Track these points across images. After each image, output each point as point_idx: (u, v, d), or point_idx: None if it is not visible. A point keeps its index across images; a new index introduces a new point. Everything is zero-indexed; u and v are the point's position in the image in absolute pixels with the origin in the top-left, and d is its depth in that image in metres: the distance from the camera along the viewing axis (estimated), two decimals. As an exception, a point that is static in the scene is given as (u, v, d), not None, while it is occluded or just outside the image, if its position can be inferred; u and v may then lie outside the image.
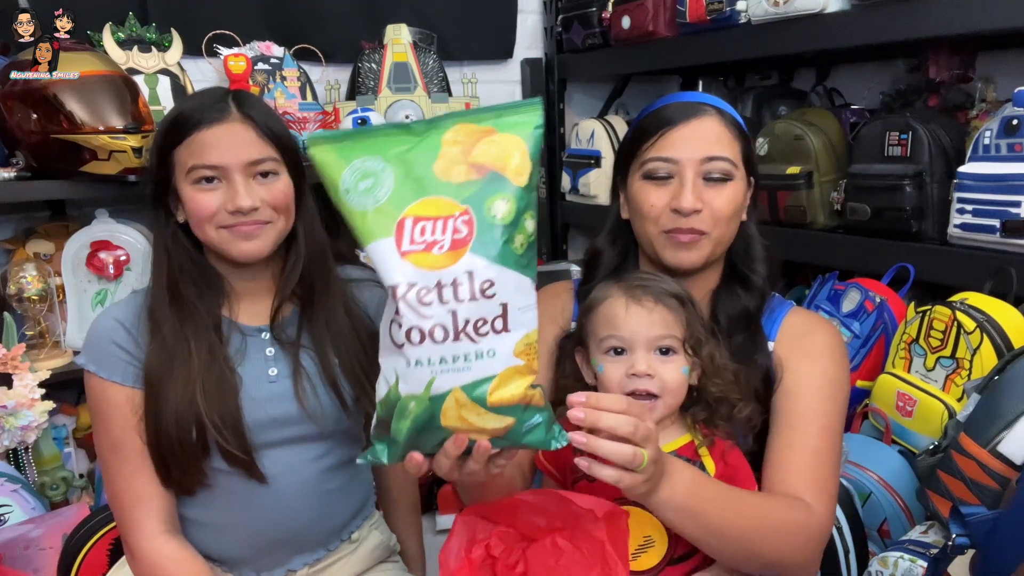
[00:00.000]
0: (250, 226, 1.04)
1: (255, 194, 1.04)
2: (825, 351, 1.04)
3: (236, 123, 1.04)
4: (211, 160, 1.02)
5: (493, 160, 0.75)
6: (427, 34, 2.47)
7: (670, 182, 1.01)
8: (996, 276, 1.47)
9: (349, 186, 0.75)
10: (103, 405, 1.07)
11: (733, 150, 1.01)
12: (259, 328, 1.13)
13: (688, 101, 1.04)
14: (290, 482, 1.11)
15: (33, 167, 1.73)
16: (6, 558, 1.43)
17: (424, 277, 0.72)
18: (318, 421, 1.12)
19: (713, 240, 1.02)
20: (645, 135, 1.04)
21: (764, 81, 2.53)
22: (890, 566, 1.25)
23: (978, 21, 1.47)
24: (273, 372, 1.12)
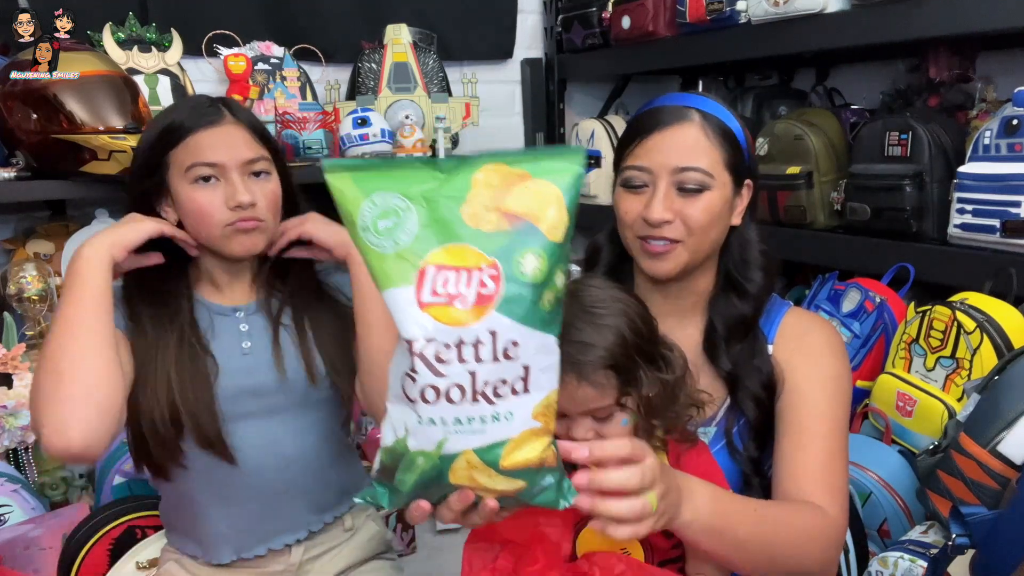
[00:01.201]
0: (250, 222, 1.09)
1: (252, 190, 1.09)
2: (825, 349, 1.03)
3: (230, 125, 1.10)
4: (210, 158, 1.07)
5: (527, 209, 0.69)
6: (427, 34, 2.47)
7: (644, 190, 1.01)
8: (996, 276, 1.47)
9: (368, 223, 0.69)
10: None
11: (711, 158, 0.99)
12: (234, 308, 1.18)
13: (671, 106, 1.02)
14: (267, 455, 1.14)
15: (33, 167, 1.73)
16: (6, 558, 1.43)
17: (444, 333, 0.67)
18: (294, 389, 1.16)
19: (689, 249, 1.00)
20: (627, 140, 1.04)
21: (764, 81, 2.53)
22: (890, 566, 1.25)
23: (978, 21, 1.47)
24: (247, 345, 1.16)
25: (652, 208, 0.98)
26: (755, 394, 1.00)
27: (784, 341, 1.04)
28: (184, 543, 1.20)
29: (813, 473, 0.96)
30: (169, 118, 1.11)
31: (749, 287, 1.03)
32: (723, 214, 1.01)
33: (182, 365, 1.10)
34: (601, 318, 0.88)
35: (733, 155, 1.00)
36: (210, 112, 1.10)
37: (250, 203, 1.08)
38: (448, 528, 1.97)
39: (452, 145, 2.42)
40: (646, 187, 1.00)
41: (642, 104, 1.09)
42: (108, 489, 1.62)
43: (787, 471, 0.97)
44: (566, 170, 0.71)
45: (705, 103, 1.01)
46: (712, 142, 0.99)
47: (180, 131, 1.08)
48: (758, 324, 1.05)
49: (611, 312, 0.89)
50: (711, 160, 0.98)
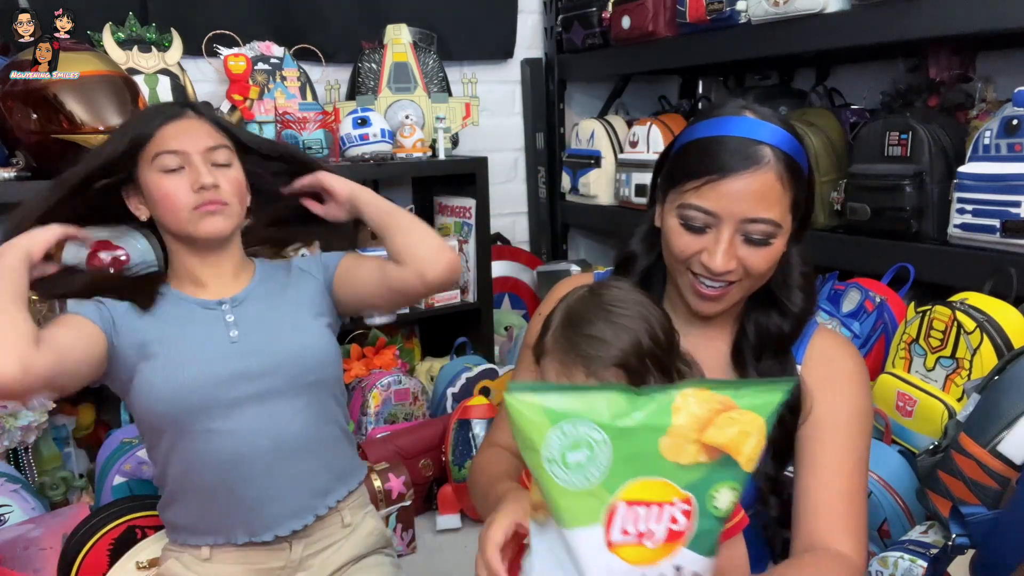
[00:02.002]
0: (214, 204, 1.16)
1: (215, 175, 1.16)
2: (853, 380, 1.00)
3: (192, 119, 1.19)
4: (173, 146, 1.15)
5: (728, 441, 0.66)
6: (427, 34, 2.47)
7: (706, 232, 0.94)
8: (996, 276, 1.47)
9: (554, 454, 0.65)
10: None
11: (782, 206, 0.93)
12: (219, 301, 1.22)
13: (742, 139, 0.92)
14: (264, 438, 1.17)
15: (33, 167, 1.73)
16: (6, 558, 1.43)
17: (628, 572, 0.65)
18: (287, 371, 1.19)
19: (744, 289, 0.97)
20: (691, 172, 0.94)
21: (764, 81, 2.53)
22: (890, 566, 1.25)
23: (978, 21, 1.48)
24: (234, 334, 1.19)
25: (715, 259, 0.93)
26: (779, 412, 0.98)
27: (812, 365, 1.01)
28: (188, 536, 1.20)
29: (835, 514, 0.94)
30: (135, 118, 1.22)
31: (791, 306, 1.00)
32: (780, 255, 0.97)
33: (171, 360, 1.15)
34: (620, 318, 0.87)
35: (801, 193, 0.95)
36: (173, 110, 1.20)
37: (213, 184, 1.15)
38: (448, 528, 1.97)
39: (452, 145, 2.42)
40: (709, 229, 0.94)
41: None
42: (108, 489, 1.62)
43: (809, 509, 0.95)
44: (771, 400, 0.67)
45: (776, 135, 0.93)
46: (785, 187, 0.92)
47: (148, 126, 1.17)
48: (791, 347, 1.02)
49: (631, 314, 0.88)
50: (782, 208, 0.93)
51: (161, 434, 1.17)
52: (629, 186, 2.41)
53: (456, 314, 2.39)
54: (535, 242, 2.99)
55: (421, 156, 2.26)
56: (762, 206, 0.91)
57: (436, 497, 2.00)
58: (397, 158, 2.23)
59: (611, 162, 2.56)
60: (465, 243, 2.38)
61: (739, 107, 0.96)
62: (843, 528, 0.94)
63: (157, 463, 1.21)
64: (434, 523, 1.98)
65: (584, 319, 0.89)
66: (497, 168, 2.68)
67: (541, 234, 2.95)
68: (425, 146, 2.27)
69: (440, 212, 2.51)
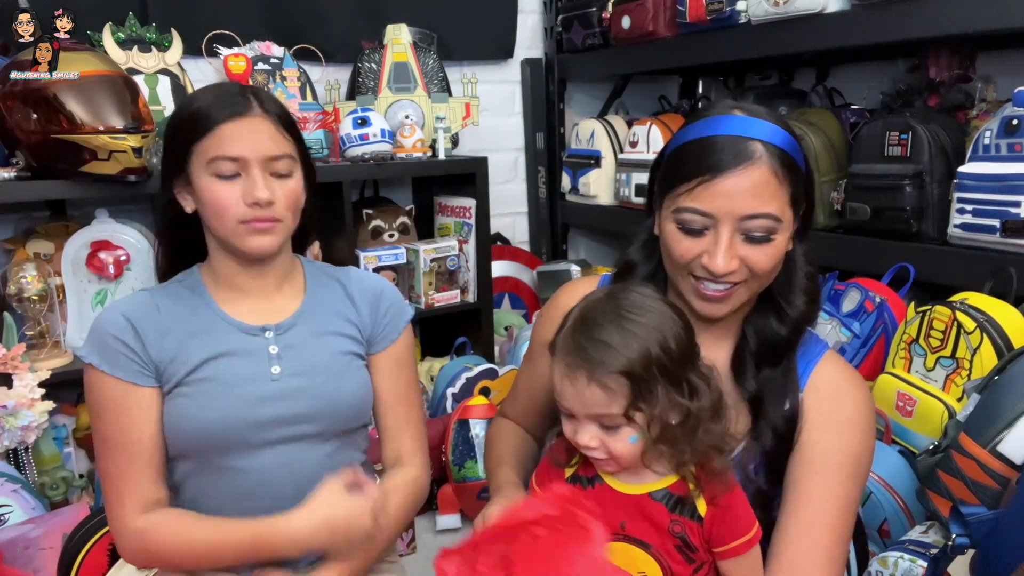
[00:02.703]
0: (265, 222, 1.06)
1: (272, 188, 1.05)
2: (854, 421, 0.97)
3: (257, 118, 1.05)
4: (232, 152, 1.03)
5: None
6: (427, 34, 2.47)
7: (705, 234, 0.92)
8: (996, 276, 1.47)
9: None
10: (100, 398, 1.08)
11: (780, 200, 0.91)
12: (263, 327, 1.12)
13: (733, 137, 0.91)
14: (284, 483, 1.10)
15: (33, 167, 1.73)
16: (6, 558, 1.43)
17: None
18: (322, 420, 1.12)
19: (750, 289, 0.95)
20: (683, 174, 0.93)
21: (764, 81, 2.53)
22: (890, 566, 1.25)
23: (978, 21, 1.48)
24: (276, 371, 1.11)
25: (716, 260, 0.91)
26: (775, 425, 0.96)
27: (815, 395, 0.97)
28: None
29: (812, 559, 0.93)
30: (196, 103, 1.07)
31: (789, 310, 0.98)
32: (784, 251, 0.95)
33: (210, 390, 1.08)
34: (631, 323, 0.86)
35: (799, 187, 0.93)
36: (237, 103, 1.05)
37: (268, 201, 1.04)
38: (448, 528, 1.97)
39: (452, 145, 2.42)
40: (707, 231, 0.92)
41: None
42: (108, 489, 1.62)
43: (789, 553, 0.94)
44: None
45: (766, 130, 0.91)
46: (781, 182, 0.91)
47: (206, 122, 1.04)
48: (793, 358, 0.99)
49: (644, 322, 0.86)
50: (779, 203, 0.91)
51: (178, 460, 1.11)
52: (629, 186, 2.42)
53: (456, 314, 2.39)
54: (535, 242, 2.99)
55: (421, 156, 2.26)
56: (758, 201, 0.90)
57: (436, 497, 2.00)
58: (397, 158, 2.23)
59: (611, 162, 2.56)
60: (465, 243, 2.38)
61: (729, 107, 0.95)
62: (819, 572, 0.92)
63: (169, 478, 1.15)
64: (434, 523, 1.98)
65: (595, 322, 0.88)
66: (497, 168, 2.68)
67: (541, 234, 2.95)
68: (425, 146, 2.27)
69: (440, 212, 2.51)
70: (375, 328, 1.19)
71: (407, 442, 1.22)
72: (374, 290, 1.20)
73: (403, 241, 2.32)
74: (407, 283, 2.29)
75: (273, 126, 1.06)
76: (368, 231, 2.29)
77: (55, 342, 1.86)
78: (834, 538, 0.94)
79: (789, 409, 0.96)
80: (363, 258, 2.18)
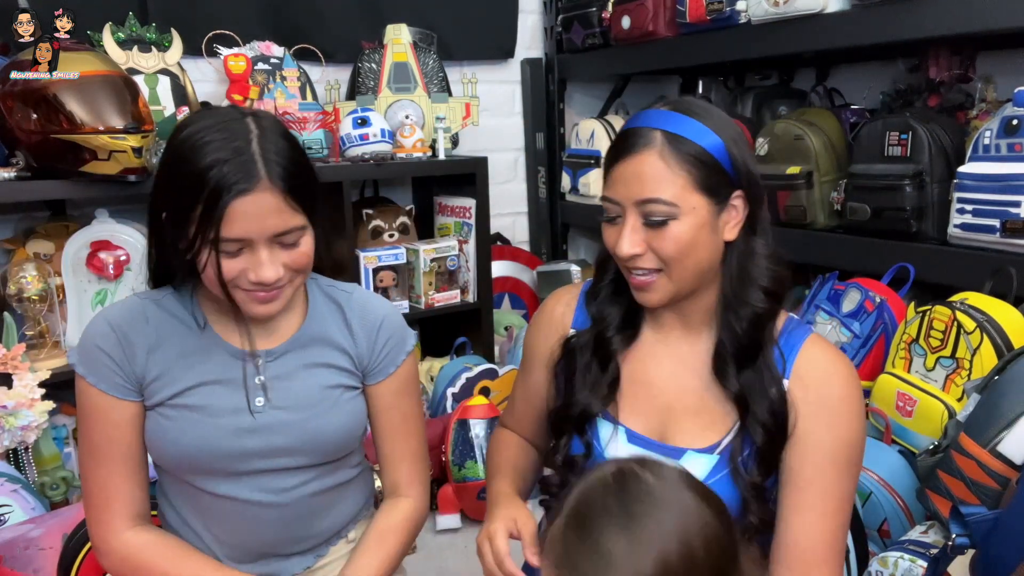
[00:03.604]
0: (270, 293, 1.01)
1: (278, 261, 0.99)
2: (843, 408, 0.96)
3: (265, 193, 0.95)
4: (237, 233, 0.95)
5: None
6: (427, 34, 2.47)
7: (619, 222, 0.96)
8: (996, 276, 1.47)
9: None
10: (85, 406, 1.09)
11: (675, 186, 0.92)
12: (252, 354, 1.07)
13: (636, 128, 0.94)
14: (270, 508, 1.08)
15: (33, 167, 1.73)
16: (6, 558, 1.43)
17: None
18: (305, 454, 1.08)
19: (673, 279, 0.95)
20: (605, 166, 0.98)
21: (764, 81, 2.53)
22: (890, 566, 1.25)
23: (978, 21, 1.48)
24: (259, 403, 1.06)
25: (620, 244, 0.94)
26: (764, 422, 0.95)
27: (801, 383, 0.97)
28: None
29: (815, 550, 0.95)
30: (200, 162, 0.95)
31: (742, 310, 0.97)
32: (700, 239, 0.94)
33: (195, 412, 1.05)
34: (642, 523, 0.68)
35: (706, 175, 0.93)
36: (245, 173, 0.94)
37: (275, 280, 0.98)
38: (448, 528, 1.97)
39: (452, 145, 2.42)
40: (620, 218, 0.95)
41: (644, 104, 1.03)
42: (108, 489, 1.62)
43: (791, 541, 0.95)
44: None
45: (674, 121, 0.93)
46: (674, 169, 0.92)
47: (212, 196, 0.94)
48: (770, 349, 0.98)
49: (658, 520, 0.69)
50: (675, 188, 0.92)
51: (164, 474, 1.11)
52: (629, 186, 2.41)
53: (456, 314, 2.39)
54: (535, 242, 2.99)
55: (421, 156, 2.26)
56: (650, 186, 0.92)
57: (436, 497, 2.00)
58: (397, 158, 2.23)
59: (611, 162, 2.56)
60: (465, 243, 2.38)
61: (658, 103, 0.98)
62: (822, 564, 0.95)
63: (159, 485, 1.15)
64: (434, 523, 1.98)
65: (594, 520, 0.70)
66: (497, 168, 2.68)
67: (541, 234, 2.95)
68: (425, 146, 2.27)
69: (440, 212, 2.51)
70: (372, 360, 1.14)
71: (404, 473, 1.19)
72: (374, 320, 1.14)
73: (403, 241, 2.32)
74: (407, 283, 2.29)
75: (281, 199, 0.96)
76: (368, 231, 2.29)
77: (55, 342, 1.86)
78: (836, 524, 0.95)
79: (775, 401, 0.96)
80: (363, 258, 2.18)
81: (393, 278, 2.24)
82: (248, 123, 0.98)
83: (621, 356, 1.03)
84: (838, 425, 0.95)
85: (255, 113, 1.02)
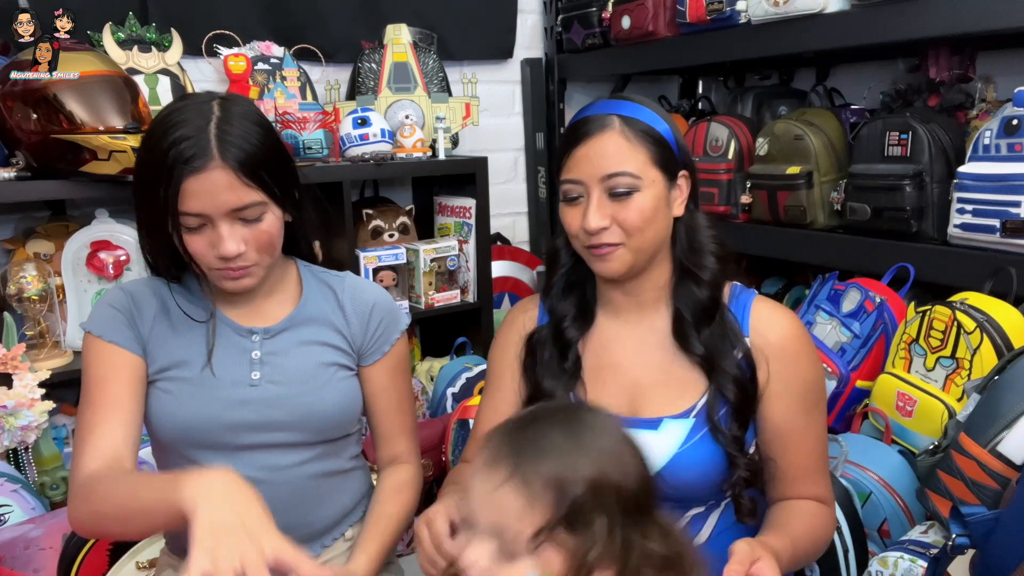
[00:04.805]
0: (237, 271, 1.06)
1: (238, 236, 1.03)
2: (800, 353, 1.07)
3: (216, 170, 1.00)
4: (194, 208, 1.01)
5: None
6: (427, 34, 2.47)
7: (581, 201, 1.03)
8: (996, 276, 1.47)
9: None
10: (88, 358, 1.10)
11: (637, 160, 1.01)
12: (250, 329, 1.13)
13: (593, 115, 1.04)
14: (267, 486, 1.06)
15: (33, 167, 1.73)
16: (6, 558, 1.43)
17: None
18: (299, 429, 1.11)
19: (632, 249, 1.03)
20: (560, 154, 1.07)
21: (764, 81, 2.53)
22: (890, 566, 1.25)
23: (978, 21, 1.48)
24: (255, 376, 1.11)
25: (588, 218, 1.01)
26: (734, 375, 1.04)
27: (759, 335, 1.07)
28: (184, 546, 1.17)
29: (806, 474, 1.08)
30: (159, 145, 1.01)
31: (702, 274, 1.06)
32: (659, 210, 1.03)
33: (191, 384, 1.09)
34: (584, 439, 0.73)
35: (660, 152, 1.03)
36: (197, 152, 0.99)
37: (236, 253, 1.03)
38: (448, 528, 1.97)
39: (452, 145, 2.42)
40: (582, 198, 1.03)
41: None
42: (108, 489, 1.63)
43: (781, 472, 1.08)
44: None
45: (626, 107, 1.04)
46: (634, 145, 1.02)
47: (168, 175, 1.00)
48: (726, 308, 1.08)
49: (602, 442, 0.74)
50: (637, 162, 1.01)
51: (164, 450, 1.13)
52: (629, 186, 2.41)
53: (456, 314, 2.39)
54: (535, 242, 2.99)
55: (421, 156, 2.26)
56: (615, 161, 1.01)
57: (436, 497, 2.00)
58: (397, 158, 2.22)
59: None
60: (465, 243, 2.38)
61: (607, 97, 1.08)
62: (814, 482, 1.08)
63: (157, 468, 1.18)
64: (434, 523, 1.98)
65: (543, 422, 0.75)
66: (497, 168, 2.68)
67: (541, 234, 2.95)
68: (425, 146, 2.27)
69: (440, 212, 2.51)
70: (365, 342, 1.18)
71: (403, 445, 1.24)
72: (365, 303, 1.19)
73: (403, 241, 2.32)
74: (407, 283, 2.29)
75: (235, 176, 1.01)
76: (368, 231, 2.29)
77: (55, 342, 1.86)
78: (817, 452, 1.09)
79: (742, 356, 1.05)
80: (363, 258, 2.18)
81: (393, 278, 2.24)
82: (213, 106, 1.04)
83: (581, 344, 1.11)
84: (799, 371, 1.06)
85: (226, 98, 1.07)
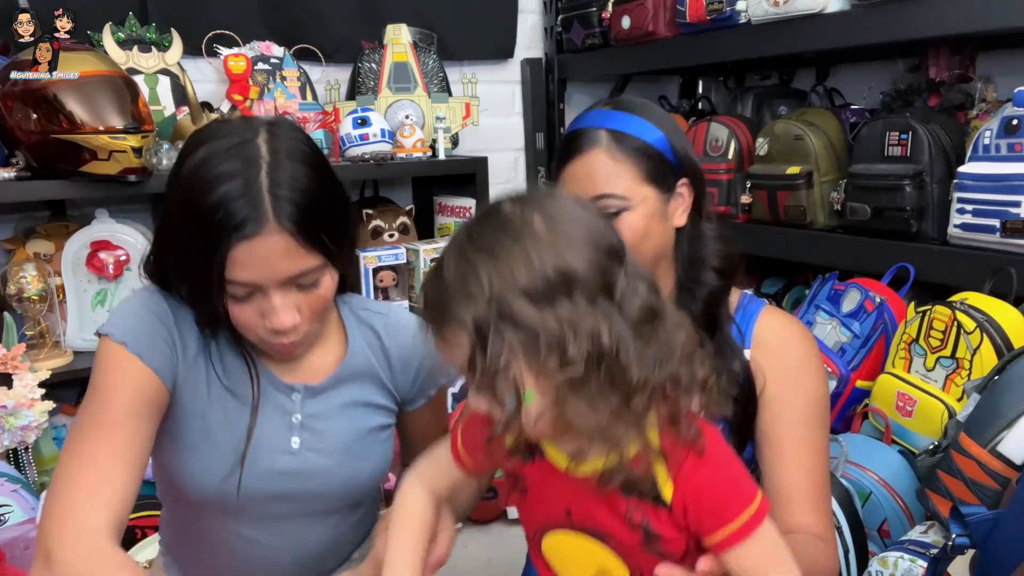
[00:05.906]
0: (291, 343, 0.94)
1: (291, 305, 0.90)
2: (804, 368, 1.02)
3: (273, 235, 0.85)
4: (243, 278, 0.87)
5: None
6: (427, 34, 2.47)
7: None
8: (996, 276, 1.47)
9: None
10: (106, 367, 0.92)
11: (624, 180, 0.98)
12: (290, 386, 1.00)
13: (581, 129, 1.00)
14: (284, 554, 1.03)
15: (33, 167, 1.73)
16: (6, 558, 1.43)
17: None
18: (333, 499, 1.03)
19: None
20: (555, 168, 1.03)
21: (764, 81, 2.53)
22: (890, 566, 1.25)
23: (978, 21, 1.48)
24: (295, 443, 0.99)
25: None
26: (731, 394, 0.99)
27: (761, 350, 1.02)
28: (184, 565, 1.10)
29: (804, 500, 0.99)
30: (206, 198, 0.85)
31: (698, 290, 1.02)
32: (652, 226, 0.99)
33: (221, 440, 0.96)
34: (571, 229, 0.68)
35: (651, 166, 0.99)
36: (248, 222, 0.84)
37: (291, 326, 0.90)
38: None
39: (452, 145, 2.42)
40: None
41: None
42: (108, 489, 1.62)
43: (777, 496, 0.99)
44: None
45: (616, 119, 1.00)
46: (621, 164, 0.98)
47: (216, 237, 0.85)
48: (727, 324, 1.03)
49: (581, 228, 0.68)
50: (624, 181, 0.98)
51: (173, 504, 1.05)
52: (629, 186, 2.41)
53: (456, 314, 2.39)
54: (535, 242, 2.98)
55: (421, 156, 2.26)
56: (601, 183, 0.97)
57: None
58: (397, 158, 2.22)
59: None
60: (465, 243, 2.38)
61: (599, 104, 1.04)
62: (812, 513, 0.99)
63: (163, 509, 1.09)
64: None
65: (486, 230, 0.69)
66: (497, 168, 2.67)
67: (541, 234, 2.94)
68: (425, 146, 2.27)
69: (440, 212, 2.51)
70: (411, 389, 1.10)
71: None
72: (410, 347, 1.07)
73: (403, 241, 2.32)
74: (407, 283, 2.29)
75: (292, 240, 0.86)
76: (368, 231, 2.29)
77: (55, 342, 1.86)
78: (815, 475, 1.00)
79: (740, 372, 1.00)
80: (363, 258, 2.18)
81: (393, 278, 2.24)
82: (260, 146, 0.88)
83: None
84: (802, 385, 1.00)
85: (272, 130, 0.91)
